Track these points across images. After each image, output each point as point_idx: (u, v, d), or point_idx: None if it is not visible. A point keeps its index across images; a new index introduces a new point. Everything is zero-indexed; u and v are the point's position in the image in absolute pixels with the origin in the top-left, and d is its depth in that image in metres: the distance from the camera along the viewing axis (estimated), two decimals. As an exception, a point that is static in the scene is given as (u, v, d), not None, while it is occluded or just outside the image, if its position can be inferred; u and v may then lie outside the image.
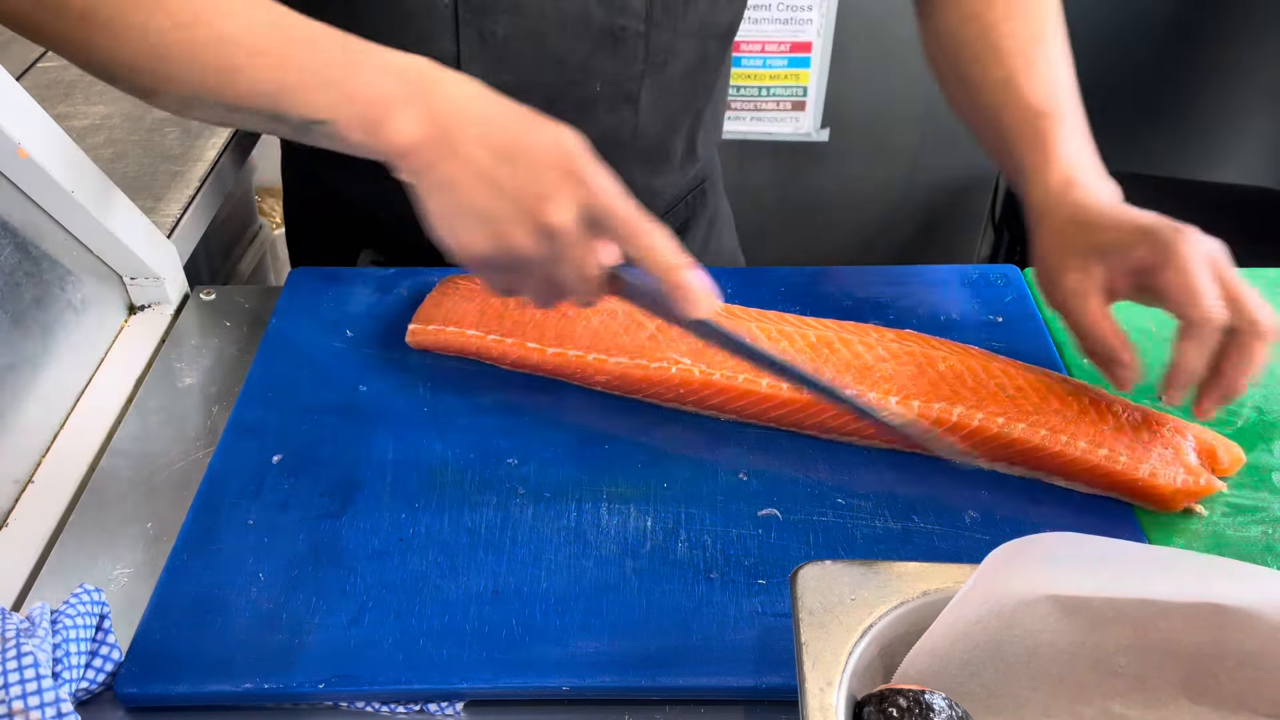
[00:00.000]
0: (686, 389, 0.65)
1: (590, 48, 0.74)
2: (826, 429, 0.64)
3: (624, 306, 0.68)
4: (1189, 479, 0.58)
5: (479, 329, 0.69)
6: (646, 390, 0.66)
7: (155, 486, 0.64)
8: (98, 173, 0.70)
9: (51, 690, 0.46)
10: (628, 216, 0.55)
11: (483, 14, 0.71)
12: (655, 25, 0.76)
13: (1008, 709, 0.45)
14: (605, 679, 0.51)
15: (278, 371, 0.70)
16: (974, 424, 0.60)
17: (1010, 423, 0.60)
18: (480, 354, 0.70)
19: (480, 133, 0.55)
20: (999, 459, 0.61)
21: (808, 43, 1.70)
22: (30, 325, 0.67)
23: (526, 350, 0.68)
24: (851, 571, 0.46)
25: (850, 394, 0.59)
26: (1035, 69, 0.71)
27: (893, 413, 0.61)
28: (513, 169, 0.55)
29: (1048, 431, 0.60)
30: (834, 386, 0.59)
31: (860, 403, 0.59)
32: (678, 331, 0.67)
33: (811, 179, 1.88)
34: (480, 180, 0.55)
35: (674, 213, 0.94)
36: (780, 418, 0.64)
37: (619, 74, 0.77)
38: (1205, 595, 0.43)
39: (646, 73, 0.78)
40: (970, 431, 0.60)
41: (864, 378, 0.63)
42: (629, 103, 0.78)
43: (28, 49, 1.10)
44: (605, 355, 0.66)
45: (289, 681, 0.50)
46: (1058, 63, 0.72)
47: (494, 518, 0.59)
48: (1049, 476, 0.61)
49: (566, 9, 0.72)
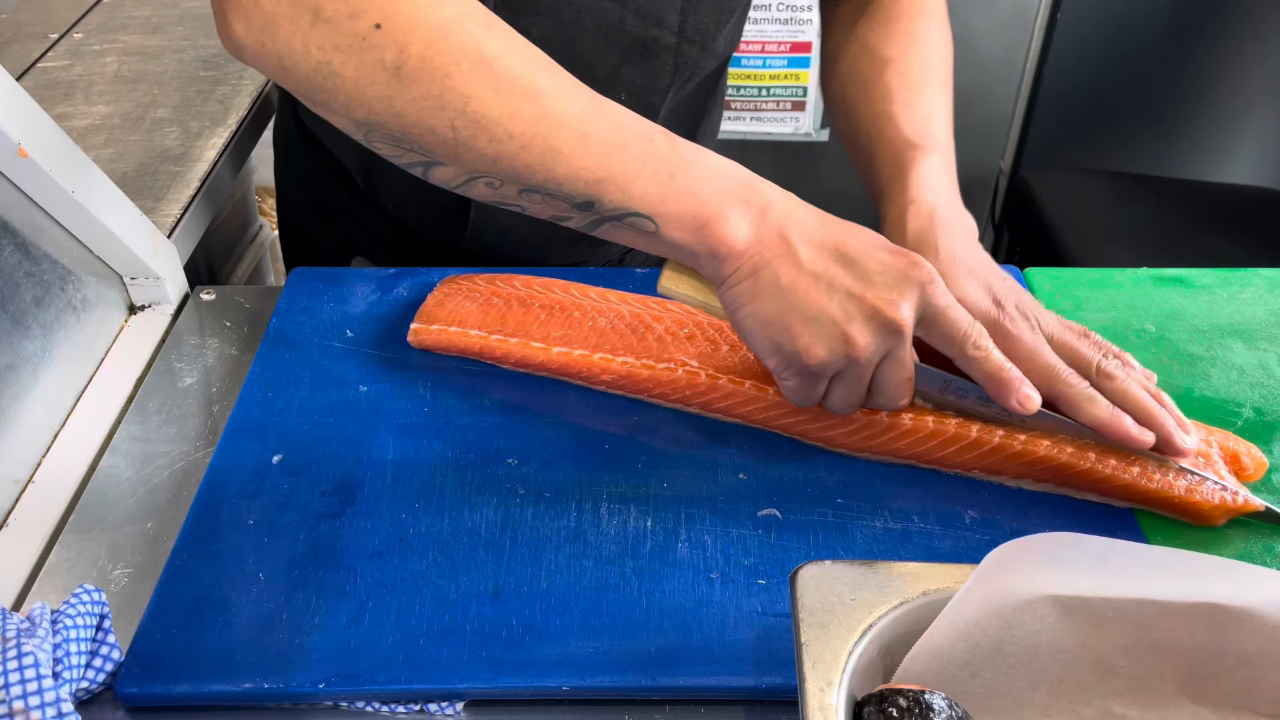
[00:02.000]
0: (693, 391, 0.65)
1: (620, 57, 0.74)
2: (833, 443, 0.63)
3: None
4: (1226, 496, 0.57)
5: (482, 329, 0.69)
6: (652, 391, 0.66)
7: (155, 486, 0.64)
8: (98, 173, 0.70)
9: (52, 690, 0.46)
10: (960, 315, 0.56)
11: (519, 14, 0.69)
12: (687, 40, 0.75)
13: (1008, 709, 0.45)
14: (605, 679, 0.51)
15: (278, 371, 0.70)
16: (994, 441, 0.59)
17: (1034, 441, 0.59)
18: (483, 354, 0.70)
19: (811, 235, 0.56)
20: (1024, 476, 0.60)
21: (808, 43, 1.70)
22: (30, 325, 0.67)
23: (530, 350, 0.68)
24: (851, 571, 0.46)
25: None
26: (914, 109, 0.71)
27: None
28: (849, 269, 0.55)
29: (1074, 449, 0.58)
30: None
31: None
32: (683, 334, 0.67)
33: (811, 179, 1.88)
34: (818, 281, 0.55)
35: None
36: (786, 425, 0.64)
37: (645, 85, 0.76)
38: (1205, 595, 0.43)
39: (671, 86, 0.78)
40: (991, 449, 0.59)
41: None
42: (649, 115, 0.78)
43: (28, 49, 1.10)
44: (611, 355, 0.66)
45: (289, 681, 0.50)
46: (937, 106, 0.73)
47: (494, 518, 0.59)
48: (1081, 493, 0.60)
49: (603, 15, 0.72)
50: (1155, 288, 0.77)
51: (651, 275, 0.78)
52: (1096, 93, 1.84)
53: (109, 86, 1.03)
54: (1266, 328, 0.73)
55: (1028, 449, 0.59)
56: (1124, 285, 0.78)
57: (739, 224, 0.55)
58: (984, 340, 0.57)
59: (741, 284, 0.56)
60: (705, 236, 0.55)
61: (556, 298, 0.71)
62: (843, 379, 0.58)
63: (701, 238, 0.55)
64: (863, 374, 0.57)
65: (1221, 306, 0.75)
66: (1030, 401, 0.57)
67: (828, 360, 0.56)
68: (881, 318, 0.55)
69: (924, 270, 0.55)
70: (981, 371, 0.57)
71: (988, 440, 0.59)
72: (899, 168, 0.68)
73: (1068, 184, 1.79)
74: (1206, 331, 0.73)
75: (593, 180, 0.54)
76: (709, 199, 0.55)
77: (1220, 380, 0.69)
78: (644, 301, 0.71)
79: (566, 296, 0.72)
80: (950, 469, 0.62)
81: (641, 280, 0.78)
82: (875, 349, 0.55)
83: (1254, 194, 1.82)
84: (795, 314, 0.55)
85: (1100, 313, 0.75)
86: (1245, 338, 0.72)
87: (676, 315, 0.69)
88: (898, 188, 0.67)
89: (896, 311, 0.55)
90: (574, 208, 0.56)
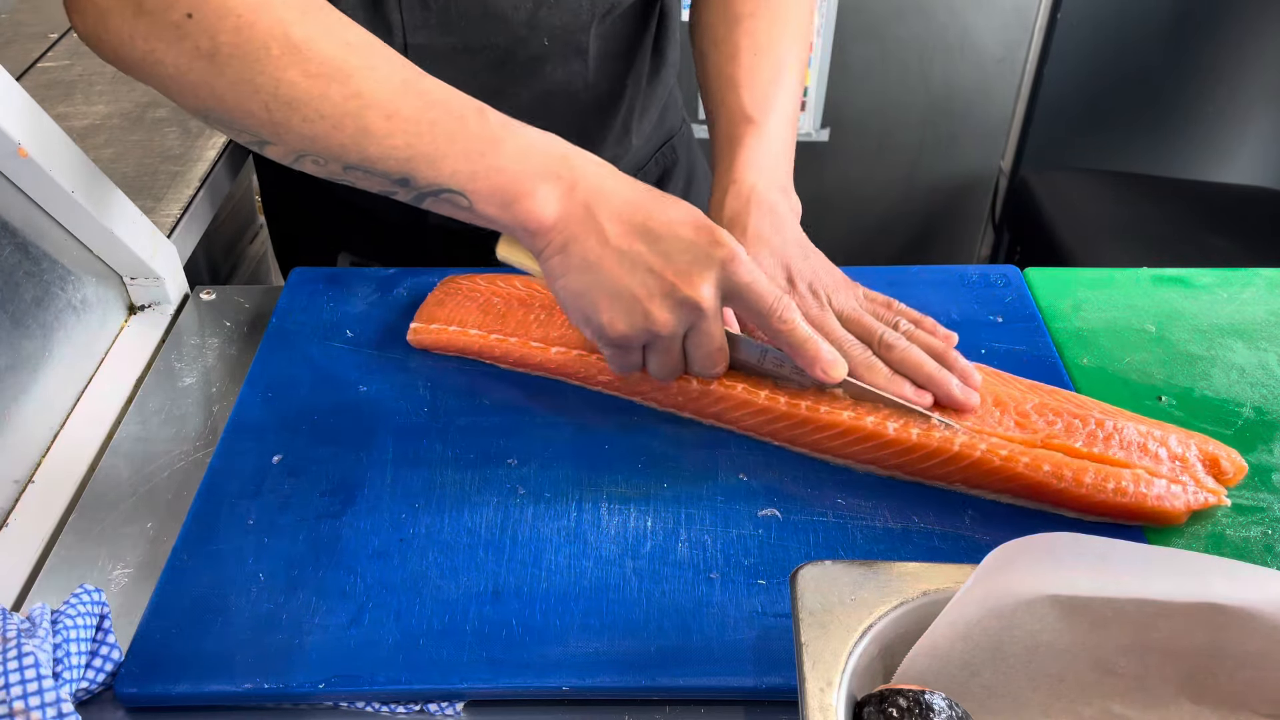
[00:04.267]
0: (685, 397, 0.65)
1: (533, 3, 0.73)
2: (821, 448, 0.62)
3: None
4: (1196, 496, 0.57)
5: (481, 328, 0.69)
6: (647, 394, 0.66)
7: (155, 486, 0.64)
8: (98, 173, 0.70)
9: (52, 690, 0.46)
10: (764, 293, 0.58)
11: None
12: None
13: (1008, 709, 0.45)
14: (605, 679, 0.51)
15: (278, 371, 0.70)
16: (976, 455, 0.59)
17: (1013, 458, 0.58)
18: (482, 353, 0.70)
19: (618, 211, 0.57)
20: (1001, 491, 0.60)
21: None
22: (30, 325, 0.67)
23: (529, 349, 0.68)
24: (851, 571, 0.46)
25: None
26: (758, 72, 0.71)
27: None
28: (652, 244, 0.56)
29: (1050, 468, 0.58)
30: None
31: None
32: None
33: (811, 179, 1.88)
34: (619, 257, 0.56)
35: (645, 171, 0.93)
36: (776, 431, 0.63)
37: (565, 26, 0.75)
38: (1205, 595, 0.43)
39: (591, 23, 0.77)
40: (971, 464, 0.59)
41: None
42: (579, 55, 0.77)
43: (28, 49, 1.10)
44: None
45: (289, 681, 0.50)
46: (786, 66, 0.72)
47: (494, 518, 0.59)
48: (1055, 508, 0.59)
49: None
50: (1155, 288, 0.77)
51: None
52: (1096, 93, 1.84)
53: (109, 86, 1.03)
54: (1266, 328, 0.73)
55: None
56: (1124, 285, 0.78)
57: (547, 200, 0.56)
58: (790, 314, 0.58)
59: (553, 258, 0.58)
60: (516, 213, 0.57)
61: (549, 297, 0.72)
62: (653, 350, 0.60)
63: (513, 214, 0.57)
64: (670, 346, 0.59)
65: (1221, 306, 0.75)
66: (833, 368, 0.59)
67: (630, 334, 0.58)
68: (679, 295, 0.56)
69: (726, 248, 0.56)
70: (788, 344, 0.59)
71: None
72: (730, 144, 0.69)
73: (1068, 184, 1.79)
74: (1206, 331, 0.73)
75: (403, 159, 0.56)
76: (518, 175, 0.56)
77: (1220, 380, 0.69)
78: None
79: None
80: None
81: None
82: (676, 324, 0.58)
83: (1254, 194, 1.82)
84: (600, 289, 0.57)
85: (1100, 313, 0.75)
86: (1245, 338, 0.72)
87: None
88: (725, 165, 0.69)
89: (695, 289, 0.56)
90: (393, 184, 0.58)
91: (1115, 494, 0.57)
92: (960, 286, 0.77)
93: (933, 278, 0.78)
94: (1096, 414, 0.60)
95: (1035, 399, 0.62)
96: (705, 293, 0.57)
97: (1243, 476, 0.60)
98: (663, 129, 0.94)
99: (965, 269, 0.79)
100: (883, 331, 0.63)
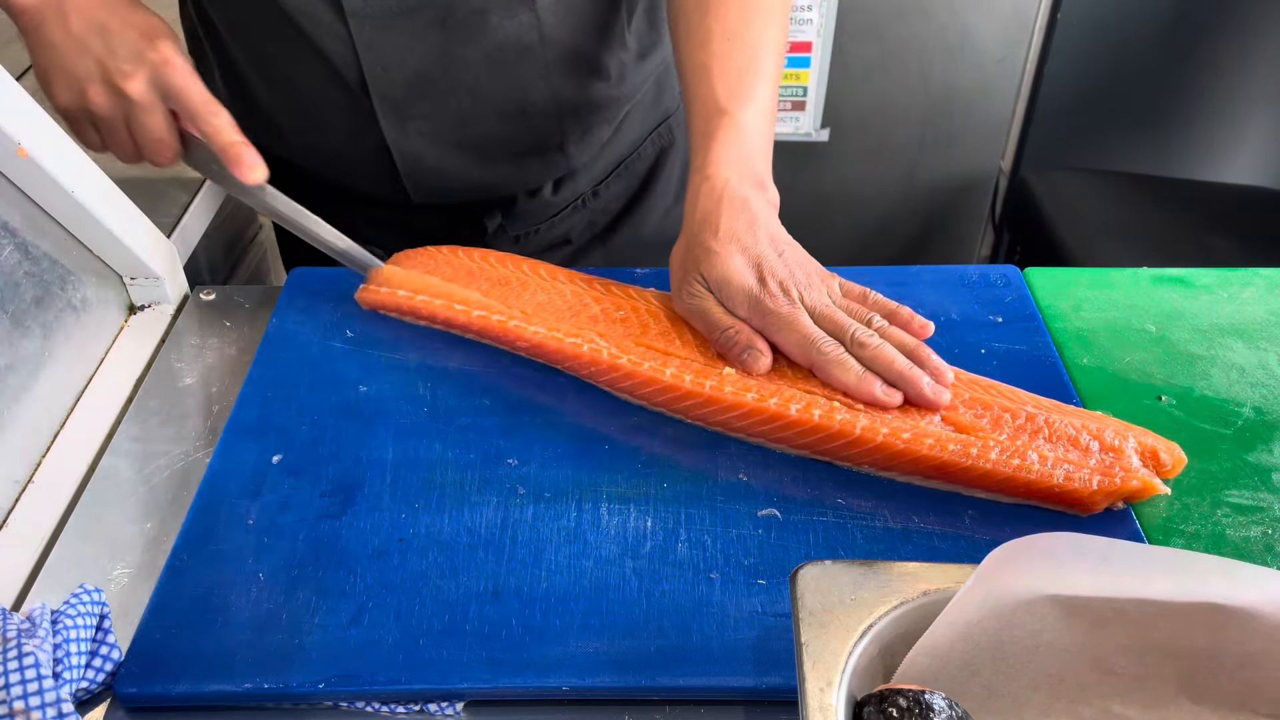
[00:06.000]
0: (596, 368, 0.66)
1: None
2: (731, 428, 0.63)
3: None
4: (1113, 481, 0.57)
5: (423, 292, 0.72)
6: (561, 363, 0.68)
7: (155, 486, 0.64)
8: (98, 173, 0.70)
9: (52, 690, 0.46)
10: (193, 97, 0.68)
11: None
12: None
13: (1008, 709, 0.45)
14: (605, 679, 0.51)
15: (278, 371, 0.70)
16: (878, 440, 0.59)
17: (917, 439, 0.59)
18: (415, 313, 0.73)
19: (85, 6, 0.67)
20: (913, 474, 0.61)
21: (808, 43, 1.70)
22: (30, 325, 0.67)
23: (453, 312, 0.71)
24: (851, 571, 0.46)
25: None
26: (731, 59, 0.70)
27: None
28: (103, 39, 0.67)
29: (957, 447, 0.59)
30: None
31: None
32: (618, 315, 0.69)
33: (811, 179, 1.88)
34: (75, 44, 0.67)
35: (641, 152, 0.92)
36: (685, 410, 0.64)
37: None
38: (1205, 595, 0.43)
39: None
40: (875, 446, 0.60)
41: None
42: (525, 5, 0.76)
43: (28, 49, 1.10)
44: (525, 323, 0.69)
45: (289, 681, 0.50)
46: (761, 50, 0.71)
47: (494, 518, 0.59)
48: (969, 490, 0.60)
49: None
50: (1155, 288, 0.77)
51: (632, 275, 0.78)
52: (1096, 93, 1.84)
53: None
54: (1266, 328, 0.73)
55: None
56: (1124, 285, 0.78)
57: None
58: (218, 119, 0.68)
59: (29, 37, 0.69)
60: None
61: (505, 273, 0.74)
62: (104, 131, 0.70)
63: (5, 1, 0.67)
64: (113, 127, 0.69)
65: (1221, 306, 0.75)
66: (252, 171, 0.69)
67: (72, 108, 0.69)
68: (113, 83, 0.67)
69: (161, 54, 0.67)
70: (217, 147, 0.69)
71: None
72: (704, 138, 0.69)
73: (1068, 184, 1.79)
74: (1206, 331, 0.73)
75: None
76: None
77: (1220, 380, 0.69)
78: (590, 283, 0.73)
79: (515, 272, 0.74)
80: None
81: (636, 277, 0.77)
82: (110, 108, 0.68)
83: (1254, 194, 1.82)
84: (55, 67, 0.68)
85: (1100, 313, 0.75)
86: (1245, 338, 0.72)
87: (618, 299, 0.71)
88: (700, 160, 0.68)
89: (126, 82, 0.67)
90: None
91: (1020, 471, 0.58)
92: (960, 286, 0.77)
93: (933, 278, 0.78)
94: (1029, 408, 0.61)
95: (968, 394, 0.62)
96: (134, 87, 0.67)
97: (1182, 469, 0.60)
98: (659, 108, 0.92)
99: (965, 269, 0.79)
100: (854, 329, 0.63)
